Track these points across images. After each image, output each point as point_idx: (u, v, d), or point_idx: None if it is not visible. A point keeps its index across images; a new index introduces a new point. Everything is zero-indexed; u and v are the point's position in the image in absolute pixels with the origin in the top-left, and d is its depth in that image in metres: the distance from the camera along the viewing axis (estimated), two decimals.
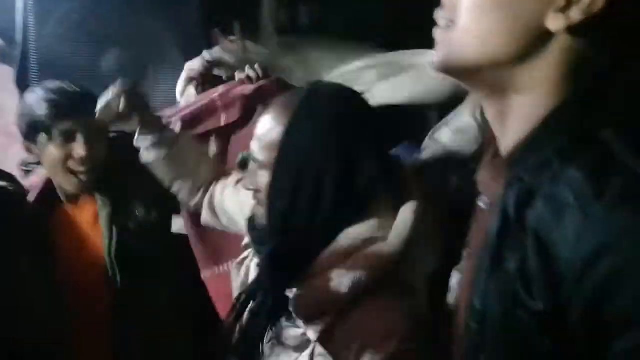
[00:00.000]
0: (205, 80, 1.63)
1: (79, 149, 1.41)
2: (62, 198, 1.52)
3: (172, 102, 1.76)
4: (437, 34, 0.65)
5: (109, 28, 1.74)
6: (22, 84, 1.76)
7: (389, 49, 1.44)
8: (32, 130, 1.44)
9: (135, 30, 1.75)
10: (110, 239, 1.46)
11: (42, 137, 1.43)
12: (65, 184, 1.48)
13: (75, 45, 1.71)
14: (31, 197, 1.51)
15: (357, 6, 1.85)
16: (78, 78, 1.59)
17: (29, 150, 1.48)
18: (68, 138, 1.42)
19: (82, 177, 1.44)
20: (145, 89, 1.76)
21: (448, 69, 0.64)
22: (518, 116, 0.62)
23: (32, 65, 1.70)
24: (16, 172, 1.56)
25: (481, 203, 0.70)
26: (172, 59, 1.77)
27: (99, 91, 1.52)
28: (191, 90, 1.65)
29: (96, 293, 1.47)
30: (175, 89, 1.77)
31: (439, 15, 0.64)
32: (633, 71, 0.59)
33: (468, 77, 0.65)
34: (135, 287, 1.46)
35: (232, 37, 1.81)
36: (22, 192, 1.49)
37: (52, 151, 1.42)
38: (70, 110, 1.41)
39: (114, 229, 1.46)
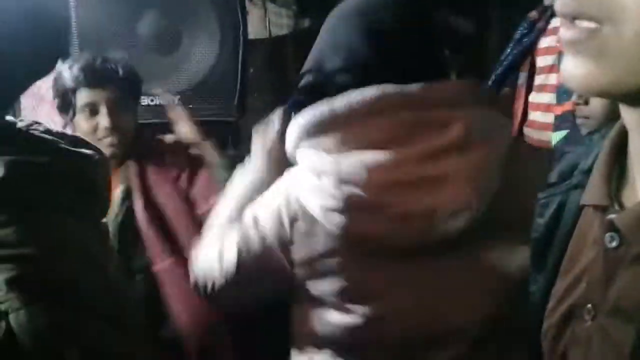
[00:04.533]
0: None
1: (102, 120, 1.43)
2: None
3: (207, 69, 1.77)
4: (570, 36, 0.44)
5: None
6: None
7: None
8: (63, 101, 1.46)
9: None
10: (117, 214, 1.46)
11: (72, 108, 1.45)
12: None
13: (113, 11, 1.71)
14: None
15: None
16: (115, 45, 1.61)
17: (65, 122, 1.51)
18: (92, 110, 1.43)
19: (111, 148, 1.46)
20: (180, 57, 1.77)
21: (607, 94, 0.47)
22: None
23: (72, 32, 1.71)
24: None
25: (614, 243, 0.50)
26: (208, 26, 1.76)
27: (136, 59, 1.54)
28: None
29: None
30: (210, 55, 1.77)
31: (566, 9, 0.44)
32: None
33: (630, 101, 0.47)
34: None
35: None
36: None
37: (80, 123, 1.44)
38: (92, 82, 1.42)
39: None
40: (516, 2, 2.16)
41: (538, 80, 1.83)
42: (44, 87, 1.61)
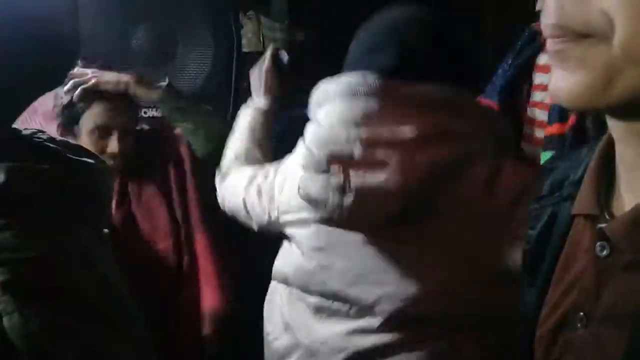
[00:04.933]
0: None
1: (112, 144, 1.44)
2: None
3: (201, 80, 1.78)
4: (557, 48, 0.44)
5: (138, 3, 1.74)
6: None
7: None
8: (69, 119, 1.47)
9: (165, 6, 1.75)
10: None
11: (78, 128, 1.46)
12: None
13: (108, 22, 1.71)
14: None
15: None
16: (110, 57, 1.61)
17: (63, 136, 1.50)
18: (103, 133, 1.44)
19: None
20: (175, 67, 1.77)
21: (594, 107, 0.46)
22: None
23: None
24: None
25: (605, 252, 0.50)
26: (202, 38, 1.77)
27: (130, 71, 1.55)
28: None
29: None
30: (204, 67, 1.78)
31: (549, 23, 0.44)
32: None
33: (616, 113, 0.46)
34: None
35: (249, 13, 1.81)
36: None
37: (84, 141, 1.44)
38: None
39: None
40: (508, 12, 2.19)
41: (536, 97, 1.83)
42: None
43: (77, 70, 1.45)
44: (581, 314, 0.53)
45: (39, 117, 1.68)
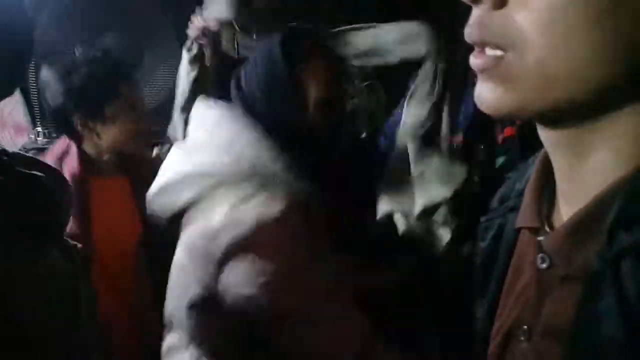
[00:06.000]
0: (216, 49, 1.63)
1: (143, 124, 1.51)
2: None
3: (169, 88, 1.76)
4: (479, 63, 0.45)
5: (104, 13, 1.71)
6: None
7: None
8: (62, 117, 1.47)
9: (130, 15, 1.73)
10: None
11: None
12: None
13: (70, 31, 1.69)
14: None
15: None
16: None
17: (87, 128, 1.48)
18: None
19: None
20: (142, 75, 1.75)
21: (516, 117, 0.49)
22: (601, 170, 0.45)
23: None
24: None
25: (545, 264, 0.50)
26: (168, 45, 1.75)
27: None
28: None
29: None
30: (173, 77, 1.76)
31: (473, 38, 0.45)
32: None
33: (542, 122, 0.48)
34: None
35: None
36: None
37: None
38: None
39: None
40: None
41: None
42: (5, 111, 1.58)
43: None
44: (525, 327, 0.52)
45: (10, 130, 1.65)
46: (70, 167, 1.44)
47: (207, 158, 0.96)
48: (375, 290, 1.13)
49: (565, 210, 0.49)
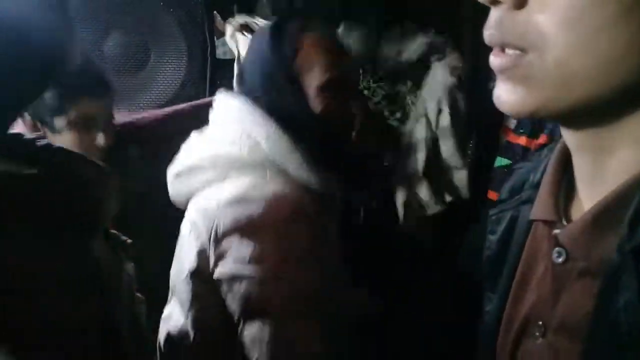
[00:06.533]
0: None
1: (100, 137, 1.34)
2: None
3: (175, 88, 1.75)
4: (498, 64, 0.45)
5: (110, 12, 1.71)
6: None
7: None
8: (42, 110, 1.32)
9: (137, 14, 1.72)
10: None
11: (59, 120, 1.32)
12: None
13: (78, 30, 1.68)
14: None
15: None
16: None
17: (34, 128, 1.33)
18: (88, 124, 1.32)
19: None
20: (147, 75, 1.75)
21: (538, 115, 0.47)
22: (624, 167, 0.45)
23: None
24: None
25: (561, 258, 0.49)
26: (175, 45, 1.75)
27: None
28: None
29: None
30: (177, 74, 1.76)
31: (493, 40, 0.45)
32: None
33: (563, 122, 0.48)
34: None
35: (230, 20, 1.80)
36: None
37: (66, 137, 1.31)
38: (95, 90, 1.34)
39: None
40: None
41: None
42: None
43: None
44: (540, 322, 0.51)
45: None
46: None
47: (226, 146, 1.00)
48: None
49: (586, 205, 0.49)
